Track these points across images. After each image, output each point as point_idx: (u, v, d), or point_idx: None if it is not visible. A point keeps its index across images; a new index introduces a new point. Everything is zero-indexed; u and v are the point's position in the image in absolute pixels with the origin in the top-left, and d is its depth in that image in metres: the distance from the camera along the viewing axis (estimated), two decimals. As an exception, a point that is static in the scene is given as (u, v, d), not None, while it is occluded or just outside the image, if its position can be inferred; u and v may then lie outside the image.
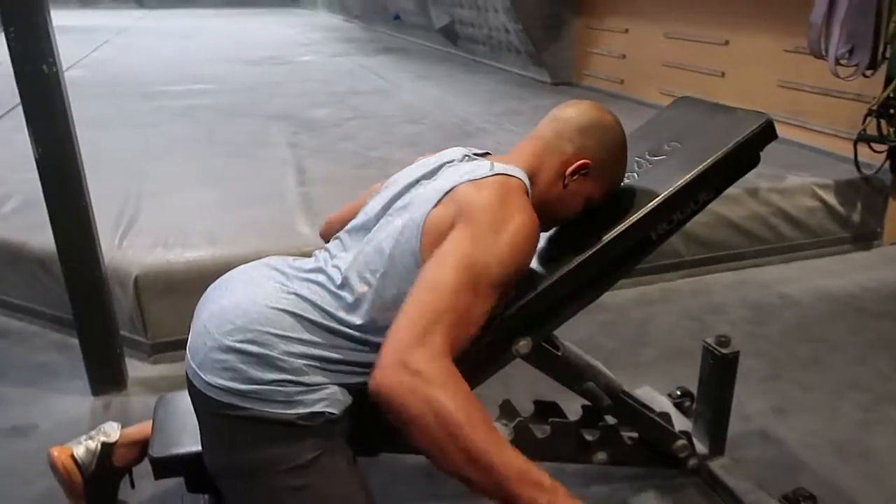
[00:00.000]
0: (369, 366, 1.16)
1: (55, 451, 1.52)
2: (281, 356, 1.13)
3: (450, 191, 1.18)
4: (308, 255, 2.45)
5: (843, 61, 2.92)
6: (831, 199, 3.06)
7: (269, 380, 1.12)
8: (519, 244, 1.12)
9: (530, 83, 5.89)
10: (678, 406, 2.02)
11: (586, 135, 1.31)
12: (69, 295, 2.11)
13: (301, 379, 1.13)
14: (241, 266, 1.33)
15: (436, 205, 1.17)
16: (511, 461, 0.95)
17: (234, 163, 3.53)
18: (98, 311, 2.14)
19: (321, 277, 1.22)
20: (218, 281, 1.32)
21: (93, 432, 1.56)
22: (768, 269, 3.05)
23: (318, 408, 1.13)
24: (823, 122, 3.36)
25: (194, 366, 1.17)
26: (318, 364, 1.15)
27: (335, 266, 1.23)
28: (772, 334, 2.54)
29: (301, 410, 1.12)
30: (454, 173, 1.23)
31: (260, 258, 2.39)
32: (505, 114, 4.63)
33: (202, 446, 1.21)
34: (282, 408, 1.12)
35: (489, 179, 1.19)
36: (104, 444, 1.51)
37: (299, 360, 1.13)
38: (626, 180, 1.45)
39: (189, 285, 2.35)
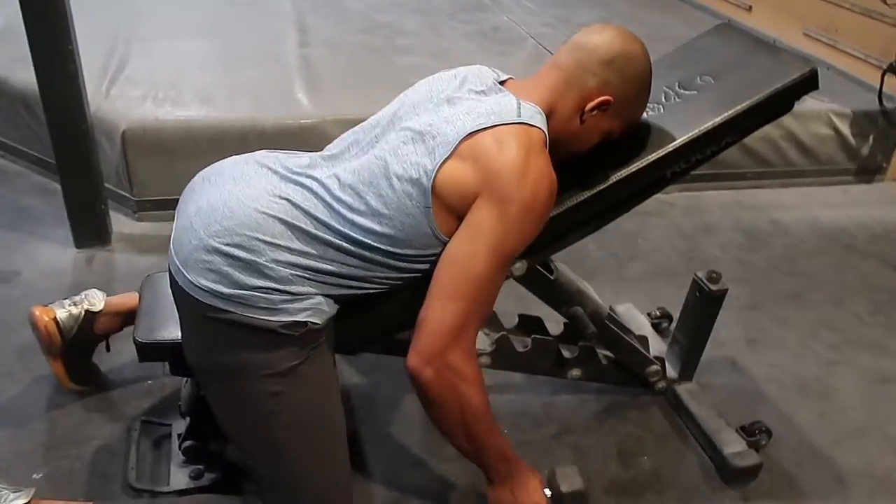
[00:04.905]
0: (357, 279, 1.17)
1: (37, 311, 1.52)
2: (268, 263, 1.10)
3: (469, 136, 1.11)
4: (305, 127, 2.41)
5: (892, -18, 2.73)
6: (845, 128, 2.97)
7: (255, 286, 1.10)
8: (543, 216, 1.13)
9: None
10: (656, 327, 2.06)
11: (610, 68, 1.21)
12: (53, 144, 2.03)
13: (287, 288, 1.11)
14: (232, 158, 1.27)
15: (451, 154, 1.10)
16: (496, 444, 1.21)
17: (232, 11, 3.30)
18: (83, 164, 2.07)
19: (315, 185, 1.16)
20: (206, 171, 1.26)
21: (77, 298, 1.55)
22: (766, 192, 3.01)
23: (301, 317, 1.12)
24: (856, 44, 3.19)
25: (178, 263, 1.15)
26: (305, 274, 1.13)
27: (333, 174, 1.17)
28: (758, 262, 2.55)
29: (284, 318, 1.11)
30: (476, 110, 1.15)
31: (254, 125, 2.35)
32: (523, -13, 4.33)
33: (182, 340, 1.21)
34: (265, 314, 1.11)
35: (512, 130, 1.12)
36: (87, 312, 1.52)
37: (287, 269, 1.11)
38: (650, 111, 1.37)
39: (179, 145, 2.28)
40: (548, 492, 1.24)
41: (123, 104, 2.30)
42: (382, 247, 1.14)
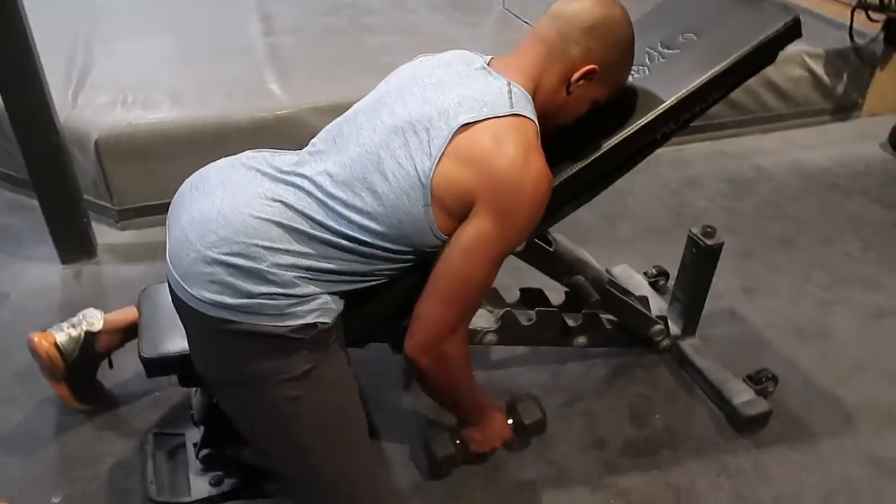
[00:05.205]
0: (361, 274, 1.16)
1: (36, 337, 1.49)
2: (270, 269, 1.08)
3: (462, 128, 1.08)
4: (282, 118, 2.36)
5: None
6: (819, 69, 2.98)
7: (260, 293, 1.08)
8: (540, 213, 1.14)
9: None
10: (653, 285, 2.08)
11: (593, 36, 1.18)
12: (25, 160, 1.98)
13: (292, 291, 1.09)
14: (218, 162, 1.24)
15: (447, 149, 1.08)
16: (474, 401, 1.31)
17: (191, 3, 3.19)
18: (59, 178, 2.02)
19: (306, 183, 1.14)
20: (193, 179, 1.23)
21: (75, 319, 1.53)
22: (746, 140, 3.02)
23: (309, 319, 1.11)
24: (823, -18, 3.19)
25: (177, 277, 1.12)
26: (308, 275, 1.11)
27: (324, 171, 1.15)
28: (746, 210, 2.57)
29: (293, 322, 1.10)
30: (468, 99, 1.12)
31: (229, 121, 2.30)
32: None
33: (191, 354, 1.19)
34: (273, 320, 1.09)
35: (507, 125, 1.10)
36: (87, 333, 1.49)
37: (289, 273, 1.09)
38: (635, 74, 1.36)
39: (155, 149, 2.24)
40: (510, 421, 1.37)
41: (92, 111, 2.24)
42: (381, 243, 1.13)
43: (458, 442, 1.33)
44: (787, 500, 1.53)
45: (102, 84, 2.39)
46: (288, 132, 2.31)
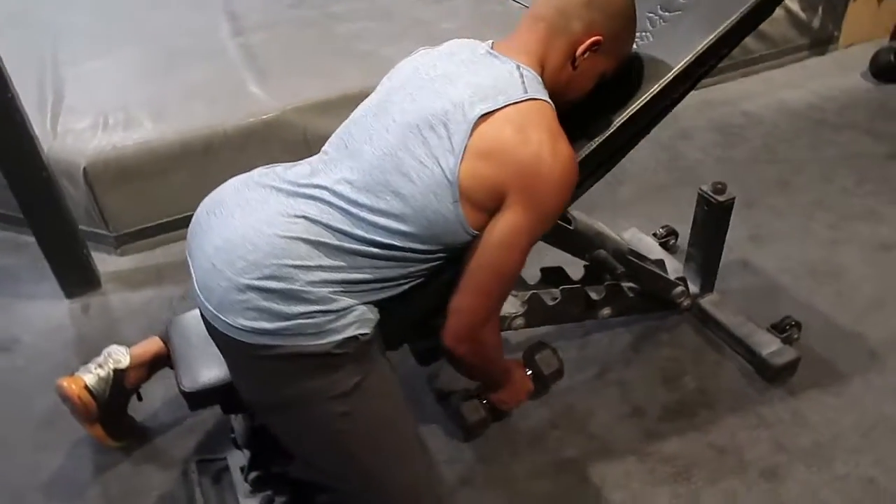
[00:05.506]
0: (393, 279, 1.15)
1: (65, 383, 1.47)
2: (304, 287, 1.06)
3: (482, 119, 1.06)
4: (269, 121, 2.31)
5: None
6: (794, 4, 2.98)
7: (297, 313, 1.06)
8: (569, 196, 1.15)
9: None
10: (664, 245, 2.08)
11: (592, 8, 1.16)
12: (17, 199, 1.93)
13: (329, 307, 1.08)
14: (232, 183, 1.21)
15: (469, 143, 1.06)
16: (503, 369, 1.36)
17: (153, 12, 3.09)
18: (53, 213, 1.97)
19: (326, 194, 1.12)
20: (208, 203, 1.20)
21: (100, 359, 1.50)
22: (730, 86, 3.02)
23: (349, 332, 1.09)
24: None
25: (211, 308, 1.10)
26: (343, 288, 1.09)
27: (342, 178, 1.12)
28: (740, 157, 2.58)
29: (334, 338, 1.08)
30: (479, 88, 1.10)
31: (216, 131, 2.24)
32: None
33: (235, 383, 1.18)
34: (314, 339, 1.07)
35: (526, 114, 1.08)
36: (116, 371, 1.47)
37: (324, 289, 1.07)
38: (638, 41, 1.34)
39: (143, 169, 2.19)
40: (530, 371, 1.43)
41: (74, 139, 2.18)
42: (412, 245, 1.11)
43: (485, 402, 1.41)
44: (827, 443, 1.56)
45: (79, 108, 2.31)
46: (277, 134, 2.26)
